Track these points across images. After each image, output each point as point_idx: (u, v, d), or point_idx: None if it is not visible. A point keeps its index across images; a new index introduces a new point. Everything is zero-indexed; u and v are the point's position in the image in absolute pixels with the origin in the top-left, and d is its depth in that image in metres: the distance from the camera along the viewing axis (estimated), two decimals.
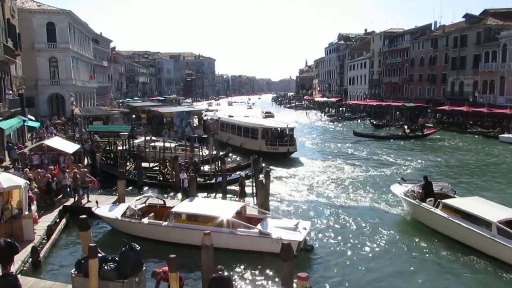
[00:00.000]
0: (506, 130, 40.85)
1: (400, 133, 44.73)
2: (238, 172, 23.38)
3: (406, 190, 17.59)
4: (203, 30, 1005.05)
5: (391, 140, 41.10)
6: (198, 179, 21.61)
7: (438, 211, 15.46)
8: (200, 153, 26.73)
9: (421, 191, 16.87)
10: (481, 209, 14.47)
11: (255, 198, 18.72)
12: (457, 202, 15.49)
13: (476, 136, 43.11)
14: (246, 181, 20.48)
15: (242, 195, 19.17)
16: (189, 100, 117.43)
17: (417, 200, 16.60)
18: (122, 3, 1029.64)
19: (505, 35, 44.81)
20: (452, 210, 14.98)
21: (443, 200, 15.74)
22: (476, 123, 46.32)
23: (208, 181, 22.13)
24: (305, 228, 13.64)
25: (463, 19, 54.34)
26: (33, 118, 34.64)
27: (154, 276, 9.39)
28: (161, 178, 22.78)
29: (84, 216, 11.15)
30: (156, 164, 24.93)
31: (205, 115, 48.44)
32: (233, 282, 11.29)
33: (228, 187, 21.51)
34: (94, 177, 23.27)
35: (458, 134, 45.64)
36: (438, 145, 38.39)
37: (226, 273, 9.47)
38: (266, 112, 70.93)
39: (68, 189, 18.08)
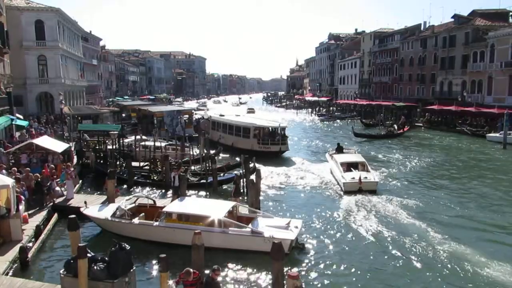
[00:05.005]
0: (494, 129, 41.34)
1: (383, 132, 45.49)
2: (233, 171, 23.26)
3: (328, 151, 27.73)
4: (194, 29, 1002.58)
5: (389, 139, 41.51)
6: (191, 178, 21.49)
7: (331, 161, 24.77)
8: (191, 153, 26.59)
9: (334, 152, 26.28)
10: (339, 156, 24.23)
11: (246, 197, 18.66)
12: (337, 155, 24.46)
13: (465, 135, 43.59)
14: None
15: (237, 193, 18.99)
16: (180, 99, 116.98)
17: (327, 156, 26.40)
18: (112, 1, 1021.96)
19: (493, 36, 45.33)
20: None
21: (331, 153, 26.03)
22: (464, 122, 46.84)
23: (201, 181, 21.95)
24: (296, 227, 13.66)
25: (452, 20, 54.88)
26: (21, 117, 34.16)
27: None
28: (155, 178, 22.56)
29: (73, 216, 11.03)
30: (146, 163, 24.73)
31: (196, 113, 48.31)
32: (225, 282, 11.32)
33: (220, 187, 21.39)
34: (86, 175, 23.23)
35: (447, 133, 46.25)
36: (428, 144, 38.87)
37: (220, 274, 9.45)
38: (249, 109, 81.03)
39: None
